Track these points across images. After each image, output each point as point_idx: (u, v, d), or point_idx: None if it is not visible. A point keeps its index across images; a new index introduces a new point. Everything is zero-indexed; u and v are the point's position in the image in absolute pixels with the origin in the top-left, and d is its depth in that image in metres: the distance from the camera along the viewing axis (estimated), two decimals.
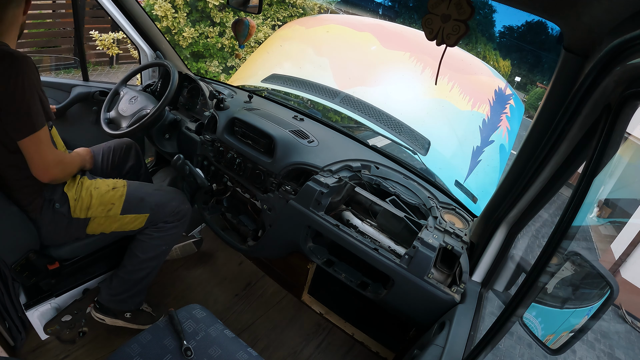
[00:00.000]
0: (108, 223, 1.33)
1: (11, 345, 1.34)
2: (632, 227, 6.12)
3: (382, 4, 22.69)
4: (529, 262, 1.12)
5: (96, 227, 1.32)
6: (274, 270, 1.97)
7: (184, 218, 1.47)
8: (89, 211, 1.27)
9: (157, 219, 1.40)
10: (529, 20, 28.46)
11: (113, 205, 1.31)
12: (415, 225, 1.31)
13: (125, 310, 1.47)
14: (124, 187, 1.35)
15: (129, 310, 1.47)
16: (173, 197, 1.45)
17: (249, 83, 2.56)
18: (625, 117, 0.60)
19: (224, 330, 1.13)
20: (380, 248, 1.25)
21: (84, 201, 1.26)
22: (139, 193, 1.37)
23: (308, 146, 1.55)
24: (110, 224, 1.34)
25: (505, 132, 2.41)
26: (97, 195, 1.28)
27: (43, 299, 1.43)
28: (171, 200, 1.43)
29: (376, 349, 1.69)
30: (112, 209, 1.31)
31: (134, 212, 1.35)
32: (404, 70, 2.51)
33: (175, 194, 1.47)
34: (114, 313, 1.45)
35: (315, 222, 1.35)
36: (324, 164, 1.47)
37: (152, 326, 1.09)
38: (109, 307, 1.44)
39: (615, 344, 5.11)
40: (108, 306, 1.44)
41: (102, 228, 1.33)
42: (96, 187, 1.30)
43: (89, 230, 1.31)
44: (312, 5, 6.06)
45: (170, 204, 1.42)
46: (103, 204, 1.29)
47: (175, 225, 1.44)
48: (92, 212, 1.28)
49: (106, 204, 1.30)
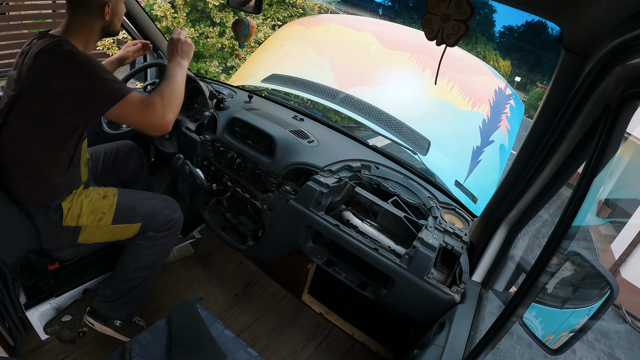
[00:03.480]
0: (100, 233, 1.30)
1: (11, 345, 1.34)
2: (632, 227, 6.12)
3: (382, 4, 22.73)
4: (529, 262, 1.12)
5: (88, 237, 1.29)
6: (274, 270, 1.96)
7: (174, 227, 1.44)
8: (80, 219, 1.25)
9: (147, 227, 1.38)
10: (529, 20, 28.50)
11: (104, 214, 1.28)
12: (415, 225, 1.31)
13: (116, 318, 1.44)
14: (114, 196, 1.32)
15: (119, 318, 1.45)
16: (165, 206, 1.42)
17: (249, 83, 2.56)
18: (625, 117, 0.60)
19: (224, 330, 1.13)
20: (380, 248, 1.25)
21: (75, 209, 1.24)
22: (130, 202, 1.34)
23: (308, 146, 1.55)
24: (102, 234, 1.31)
25: (505, 132, 2.41)
26: (87, 203, 1.26)
27: (43, 299, 1.43)
28: (163, 209, 1.40)
29: (376, 349, 1.69)
30: (102, 218, 1.28)
31: (125, 221, 1.32)
32: (404, 70, 2.51)
33: (167, 202, 1.44)
34: (104, 319, 1.43)
35: (315, 222, 1.35)
36: (324, 164, 1.47)
37: (152, 326, 1.09)
38: (100, 311, 1.42)
39: (615, 344, 5.11)
40: (99, 311, 1.42)
41: (94, 238, 1.31)
42: (87, 195, 1.27)
43: (81, 240, 1.29)
44: (312, 5, 6.06)
45: (162, 212, 1.40)
46: (94, 212, 1.27)
47: (166, 234, 1.42)
48: (83, 220, 1.25)
49: (97, 213, 1.27)
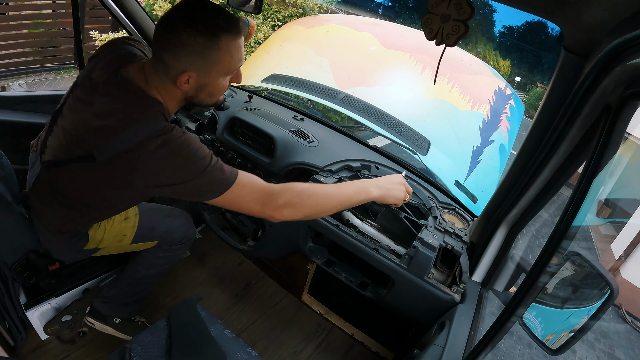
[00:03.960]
0: (115, 249, 1.31)
1: (11, 345, 1.34)
2: (632, 227, 6.12)
3: (382, 4, 22.73)
4: (529, 262, 1.12)
5: (102, 252, 1.30)
6: (274, 270, 1.96)
7: (189, 241, 1.48)
8: (101, 243, 1.25)
9: (163, 243, 1.41)
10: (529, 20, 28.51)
11: (125, 236, 1.28)
12: (415, 225, 1.31)
13: (116, 316, 1.46)
14: (135, 217, 1.31)
15: (119, 316, 1.47)
16: (181, 223, 1.44)
17: (249, 83, 2.55)
18: (625, 117, 0.60)
19: (224, 330, 1.13)
20: (380, 248, 1.25)
21: (98, 234, 1.23)
22: (150, 222, 1.35)
23: (308, 146, 1.55)
24: (117, 249, 1.32)
25: (505, 132, 2.41)
26: (110, 227, 1.24)
27: (43, 299, 1.43)
28: (180, 227, 1.43)
29: (376, 349, 1.69)
30: (123, 240, 1.28)
31: (143, 240, 1.34)
32: (404, 70, 2.51)
33: (183, 220, 1.46)
34: (104, 318, 1.45)
35: (315, 222, 1.35)
36: (324, 164, 1.47)
37: (152, 326, 1.09)
38: (100, 311, 1.44)
39: (615, 344, 5.11)
40: (100, 310, 1.44)
41: (108, 251, 1.31)
42: (109, 219, 1.24)
43: (95, 254, 1.29)
44: (312, 5, 6.06)
45: (179, 230, 1.42)
46: (115, 235, 1.26)
47: (180, 247, 1.46)
48: (104, 244, 1.25)
49: (118, 235, 1.27)
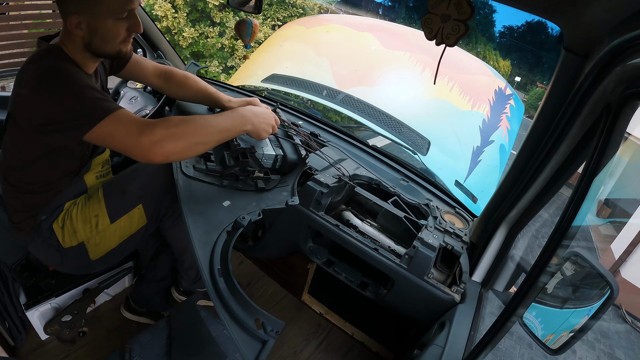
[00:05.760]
0: (105, 239, 1.15)
1: (11, 345, 1.34)
2: (632, 227, 6.13)
3: (382, 4, 22.72)
4: (529, 262, 1.12)
5: (97, 249, 1.16)
6: (274, 270, 1.96)
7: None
8: (77, 234, 1.11)
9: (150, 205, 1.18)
10: (529, 20, 28.50)
11: (97, 217, 1.11)
12: (415, 225, 1.31)
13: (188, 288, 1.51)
14: (98, 191, 1.14)
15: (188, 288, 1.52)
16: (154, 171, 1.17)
17: (249, 83, 2.56)
18: (625, 117, 0.60)
19: (224, 330, 1.13)
20: (380, 248, 1.25)
21: (68, 226, 1.10)
22: (118, 186, 1.15)
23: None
24: (109, 238, 1.16)
25: (505, 132, 2.41)
26: (76, 214, 1.10)
27: (43, 299, 1.43)
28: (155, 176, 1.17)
29: (376, 349, 1.69)
30: (98, 221, 1.12)
31: (123, 212, 1.14)
32: (404, 70, 2.51)
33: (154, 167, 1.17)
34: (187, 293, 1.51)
35: (315, 222, 1.35)
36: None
37: (152, 326, 1.09)
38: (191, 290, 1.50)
39: (615, 344, 5.12)
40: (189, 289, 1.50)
41: (104, 247, 1.16)
42: (75, 203, 1.12)
43: (94, 255, 1.17)
44: (312, 5, 6.07)
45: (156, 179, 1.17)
46: (86, 220, 1.11)
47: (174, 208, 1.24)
48: (80, 234, 1.11)
49: (90, 218, 1.11)
